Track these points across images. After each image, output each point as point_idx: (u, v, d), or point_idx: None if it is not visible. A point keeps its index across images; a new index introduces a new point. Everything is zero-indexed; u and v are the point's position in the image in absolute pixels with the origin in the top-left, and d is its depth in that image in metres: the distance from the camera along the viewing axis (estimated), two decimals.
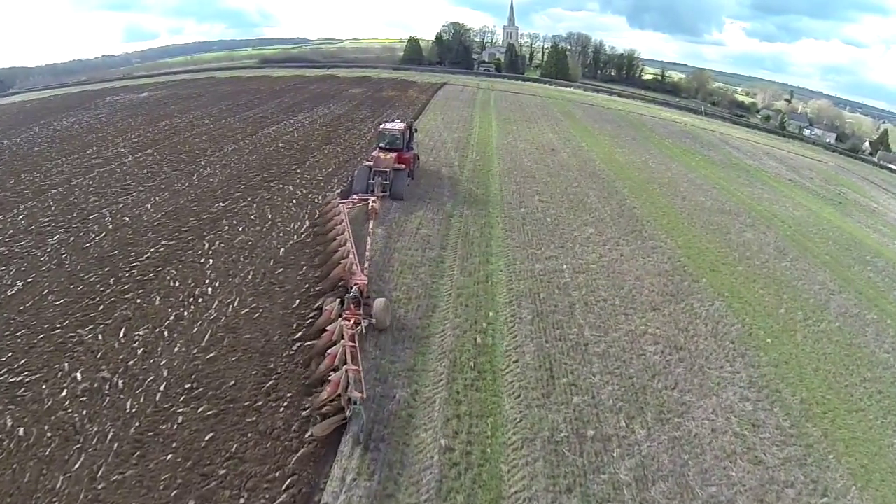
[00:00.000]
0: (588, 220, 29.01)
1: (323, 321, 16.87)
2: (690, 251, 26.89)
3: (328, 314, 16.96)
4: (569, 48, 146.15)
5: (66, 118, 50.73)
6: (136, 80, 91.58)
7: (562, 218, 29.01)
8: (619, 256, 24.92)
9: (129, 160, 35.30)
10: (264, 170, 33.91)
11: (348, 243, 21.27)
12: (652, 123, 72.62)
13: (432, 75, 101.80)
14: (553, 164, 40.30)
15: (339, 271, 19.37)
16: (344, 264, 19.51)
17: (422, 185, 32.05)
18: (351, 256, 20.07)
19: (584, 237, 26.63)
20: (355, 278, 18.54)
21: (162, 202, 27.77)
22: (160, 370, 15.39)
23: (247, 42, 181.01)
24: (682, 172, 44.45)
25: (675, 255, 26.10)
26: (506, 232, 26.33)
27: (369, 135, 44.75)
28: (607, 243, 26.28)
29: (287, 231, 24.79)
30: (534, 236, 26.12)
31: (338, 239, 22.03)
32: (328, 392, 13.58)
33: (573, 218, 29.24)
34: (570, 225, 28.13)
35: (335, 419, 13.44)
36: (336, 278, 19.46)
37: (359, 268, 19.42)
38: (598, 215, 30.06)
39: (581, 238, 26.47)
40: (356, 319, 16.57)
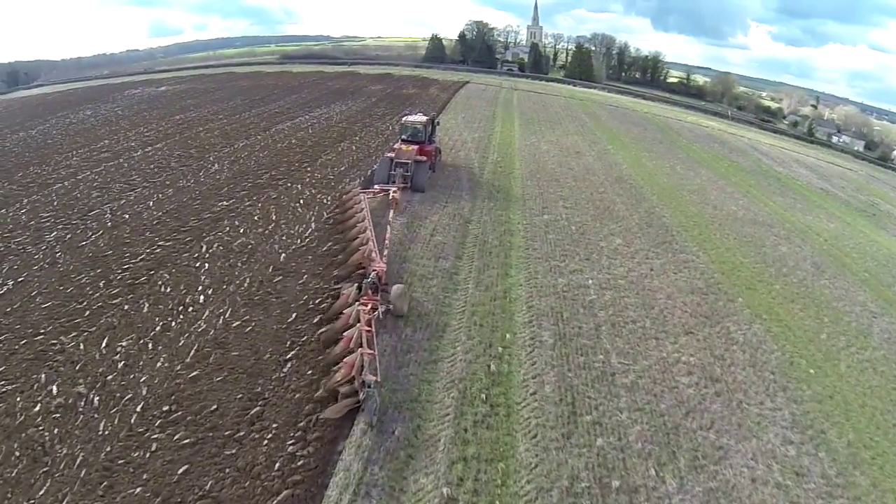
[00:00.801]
0: (615, 230, 27.07)
1: (340, 305, 16.96)
2: (724, 266, 24.92)
3: (345, 299, 17.02)
4: (593, 49, 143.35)
5: (83, 111, 50.97)
6: (157, 74, 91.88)
7: (587, 226, 27.12)
8: (649, 271, 22.99)
9: (137, 154, 34.64)
10: (273, 167, 32.46)
11: (368, 231, 21.32)
12: (678, 127, 70.20)
13: (454, 74, 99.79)
14: (578, 168, 38.35)
15: (359, 257, 19.56)
16: (363, 251, 19.70)
17: (438, 186, 30.46)
18: (370, 244, 20.16)
19: (612, 248, 24.71)
20: (374, 264, 18.62)
21: (164, 199, 26.73)
22: (139, 388, 14.07)
23: (270, 39, 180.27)
24: (711, 179, 42.29)
25: (709, 270, 24.15)
26: (527, 241, 24.44)
27: (387, 132, 43.30)
28: (636, 256, 24.34)
29: (290, 234, 23.18)
30: (557, 246, 24.23)
31: (358, 227, 22.21)
32: (342, 374, 13.50)
33: (599, 226, 27.32)
34: (597, 234, 26.22)
35: (348, 402, 13.26)
36: (355, 264, 19.58)
37: (378, 255, 19.46)
38: (625, 224, 28.11)
39: (608, 249, 24.54)
40: (373, 304, 16.49)
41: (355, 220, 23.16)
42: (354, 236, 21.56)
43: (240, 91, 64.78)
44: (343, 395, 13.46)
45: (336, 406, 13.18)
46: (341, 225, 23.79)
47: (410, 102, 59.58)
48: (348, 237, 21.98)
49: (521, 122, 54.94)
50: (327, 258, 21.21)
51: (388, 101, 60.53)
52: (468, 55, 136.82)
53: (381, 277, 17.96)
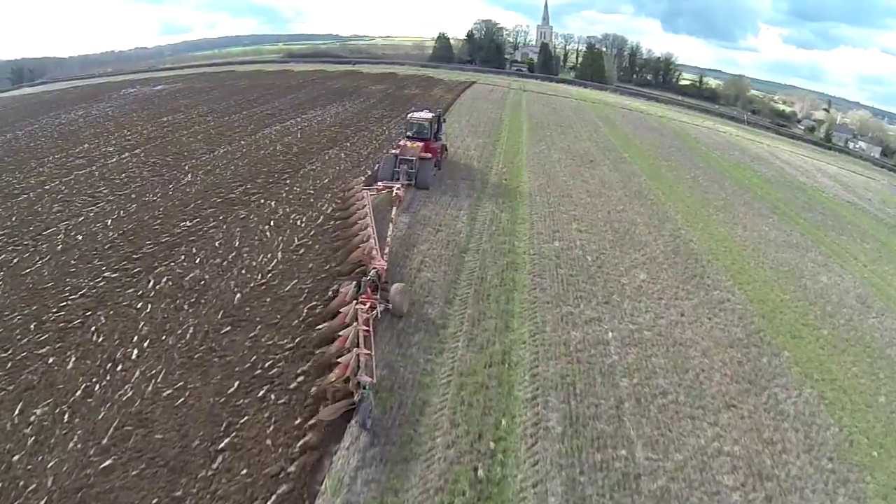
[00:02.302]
0: (638, 260, 23.28)
1: (337, 304, 16.36)
2: (764, 307, 21.21)
3: (343, 297, 16.42)
4: (604, 50, 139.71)
5: (75, 111, 49.12)
6: (159, 72, 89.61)
7: (605, 256, 23.25)
8: (680, 317, 19.21)
9: (112, 161, 31.93)
10: (250, 179, 29.02)
11: (369, 228, 20.88)
12: (696, 133, 66.45)
13: (461, 73, 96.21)
14: (592, 180, 34.55)
15: (359, 255, 19.13)
16: (363, 248, 19.25)
17: (433, 199, 27.09)
18: (371, 241, 19.72)
19: (634, 286, 20.87)
20: (374, 262, 18.11)
21: (125, 217, 23.74)
22: (45, 476, 11.23)
23: (278, 37, 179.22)
24: (736, 192, 38.64)
25: (747, 312, 20.45)
26: (534, 278, 20.43)
27: (381, 137, 39.91)
28: (663, 295, 20.55)
29: (251, 268, 19.57)
30: (570, 285, 20.31)
31: (359, 223, 21.76)
32: (337, 374, 13.05)
33: (619, 256, 23.48)
34: (616, 267, 22.35)
35: (343, 403, 12.84)
36: (355, 261, 19.16)
37: (379, 252, 18.91)
38: (649, 252, 24.33)
39: (630, 288, 20.70)
40: (372, 303, 15.94)
41: (357, 216, 22.63)
42: (355, 233, 21.02)
43: (236, 91, 62.09)
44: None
45: (331, 407, 12.67)
46: (343, 221, 23.29)
47: (412, 104, 55.76)
48: (349, 234, 21.42)
49: (530, 126, 51.19)
50: (290, 300, 17.66)
51: (387, 103, 57.07)
52: (476, 55, 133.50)
53: (381, 275, 17.40)
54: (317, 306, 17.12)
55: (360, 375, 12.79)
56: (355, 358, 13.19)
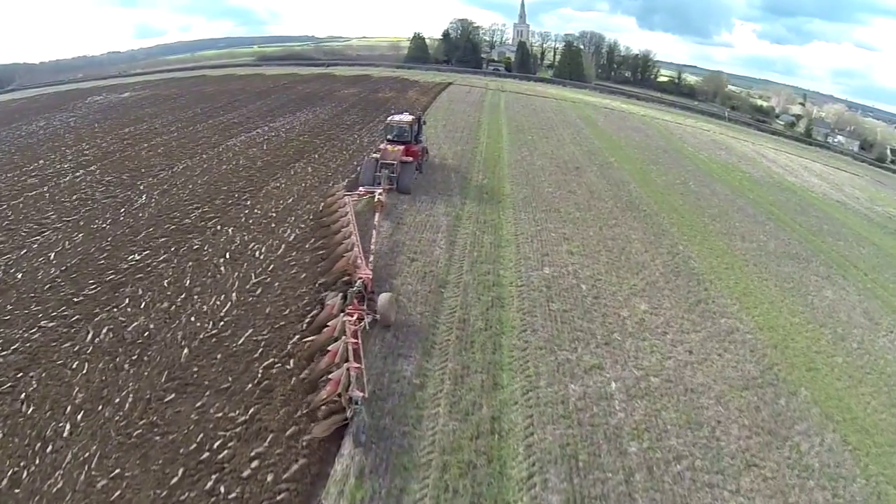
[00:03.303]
0: (637, 286, 21.06)
1: (324, 317, 15.75)
2: (775, 335, 19.28)
3: (330, 309, 15.85)
4: (582, 48, 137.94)
5: (37, 121, 47.01)
6: (129, 77, 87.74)
7: (601, 283, 20.98)
8: (688, 356, 17.08)
9: (66, 181, 29.64)
10: (208, 200, 26.58)
11: (353, 236, 20.23)
12: (680, 132, 64.83)
13: (437, 74, 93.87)
14: (580, 191, 32.33)
15: (344, 264, 18.48)
16: (348, 257, 18.60)
17: (408, 220, 24.89)
18: (356, 249, 19.06)
19: (636, 320, 18.64)
20: (360, 272, 17.68)
21: (70, 249, 21.43)
22: None
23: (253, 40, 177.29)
24: (728, 197, 36.95)
25: (758, 343, 18.49)
26: (523, 317, 17.99)
27: (353, 147, 37.54)
28: (668, 329, 18.39)
29: (201, 314, 17.14)
30: (565, 323, 17.90)
31: (342, 231, 21.14)
32: (328, 391, 12.60)
33: (617, 282, 21.23)
34: (615, 296, 20.07)
35: (336, 419, 12.47)
36: (340, 271, 18.50)
37: (364, 261, 18.46)
38: (648, 275, 22.16)
39: (632, 323, 18.45)
40: (359, 315, 15.62)
41: (340, 224, 21.97)
42: (339, 241, 20.33)
43: (203, 97, 59.59)
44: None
45: (323, 424, 12.29)
46: (325, 229, 22.59)
47: (385, 109, 53.65)
48: (333, 242, 20.75)
49: (510, 130, 49.04)
50: (244, 357, 15.23)
51: (360, 108, 54.62)
52: (452, 55, 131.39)
53: (367, 286, 17.01)
54: (273, 364, 14.77)
55: (352, 390, 12.39)
56: (346, 373, 12.71)
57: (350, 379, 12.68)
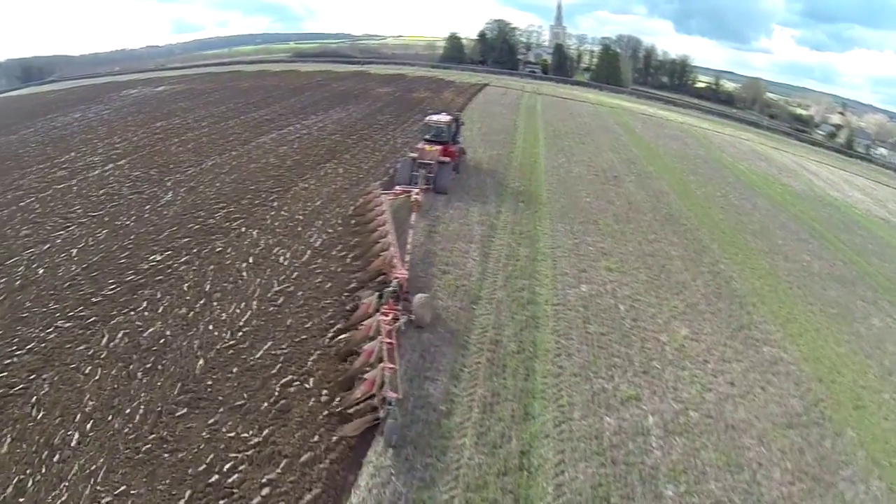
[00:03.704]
0: (678, 308, 19.87)
1: (360, 315, 15.83)
2: (820, 366, 17.95)
3: (365, 308, 15.87)
4: (619, 51, 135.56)
5: (73, 113, 48.00)
6: (165, 72, 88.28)
7: (640, 304, 19.81)
8: (730, 388, 15.87)
9: (94, 174, 29.69)
10: (234, 199, 26.08)
11: (389, 235, 19.99)
12: (719, 141, 62.89)
13: (473, 75, 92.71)
14: (618, 201, 31.10)
15: (380, 264, 18.50)
16: (384, 257, 18.59)
17: (440, 229, 23.85)
18: (392, 249, 18.87)
19: (676, 346, 17.48)
20: (395, 272, 17.46)
21: (93, 246, 21.23)
22: None
23: (289, 36, 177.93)
24: (770, 212, 35.39)
25: (803, 376, 17.19)
26: (558, 339, 16.86)
27: (385, 148, 36.77)
28: (710, 357, 17.19)
29: (219, 322, 16.44)
30: (602, 348, 16.75)
31: (378, 230, 21.06)
32: (362, 390, 12.70)
33: (656, 303, 20.04)
34: (654, 319, 18.87)
35: (367, 419, 12.36)
36: (376, 271, 18.52)
37: (399, 261, 18.18)
38: (689, 296, 20.95)
39: (671, 349, 17.29)
40: (394, 315, 15.33)
41: (376, 223, 21.96)
42: (375, 240, 20.32)
43: (237, 93, 59.55)
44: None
45: (354, 423, 12.30)
46: (360, 228, 22.77)
47: (420, 109, 52.92)
48: (368, 241, 20.76)
49: (547, 134, 47.86)
50: (261, 372, 14.45)
51: (394, 107, 53.82)
52: (488, 55, 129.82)
53: (402, 286, 16.74)
54: (292, 382, 13.96)
55: (386, 391, 12.27)
56: (380, 373, 12.64)
57: (384, 379, 12.50)
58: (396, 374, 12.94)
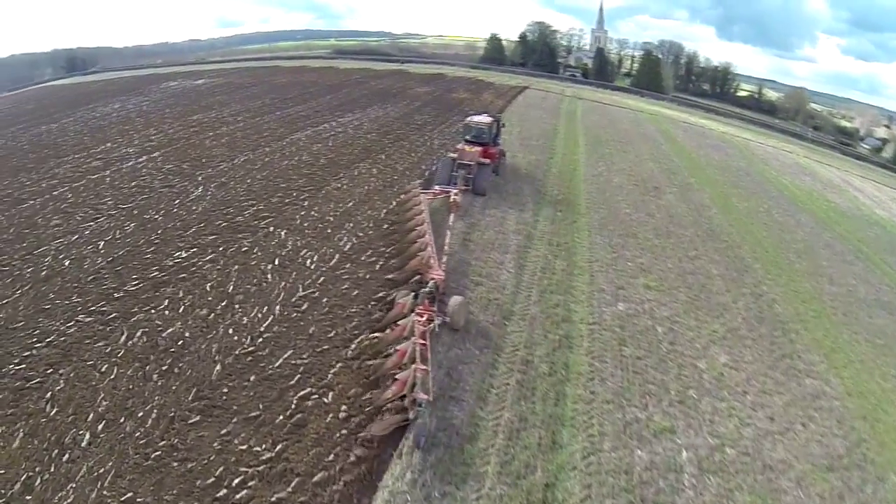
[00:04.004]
0: (717, 332, 18.77)
1: (395, 315, 15.78)
2: (864, 402, 16.71)
3: (400, 308, 15.82)
4: (660, 57, 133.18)
5: (112, 104, 49.49)
6: (206, 65, 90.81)
7: (679, 326, 18.65)
8: (769, 423, 14.78)
9: (127, 166, 30.00)
10: (264, 197, 25.75)
11: (427, 235, 19.96)
12: (762, 153, 60.68)
13: (513, 77, 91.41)
14: (659, 214, 29.97)
15: (417, 263, 18.34)
16: (421, 257, 18.47)
17: (470, 248, 22.58)
18: (429, 249, 18.86)
19: (714, 374, 16.44)
20: (432, 272, 17.42)
21: (120, 239, 21.27)
22: None
23: (329, 33, 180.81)
24: (814, 230, 33.75)
25: (847, 413, 15.98)
26: (592, 362, 15.94)
27: (421, 150, 36.04)
28: (749, 388, 16.09)
29: (240, 327, 15.97)
30: (637, 373, 15.74)
31: (417, 230, 20.87)
32: (393, 391, 12.58)
33: (696, 326, 18.98)
34: (693, 344, 17.83)
35: (396, 419, 12.26)
36: (412, 271, 18.33)
37: (436, 262, 18.12)
38: (729, 319, 19.82)
39: (710, 377, 16.26)
40: (429, 316, 15.25)
41: (414, 222, 21.74)
42: (413, 240, 20.12)
43: (274, 88, 59.76)
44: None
45: (382, 422, 12.20)
46: (398, 227, 22.63)
47: (459, 110, 52.16)
48: (406, 240, 20.60)
49: (587, 140, 46.63)
50: (279, 382, 13.88)
51: (433, 107, 53.09)
52: (528, 57, 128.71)
53: (438, 287, 16.63)
54: (310, 395, 13.35)
55: (417, 393, 12.18)
56: (412, 374, 12.52)
57: (415, 381, 12.38)
58: (428, 376, 12.75)
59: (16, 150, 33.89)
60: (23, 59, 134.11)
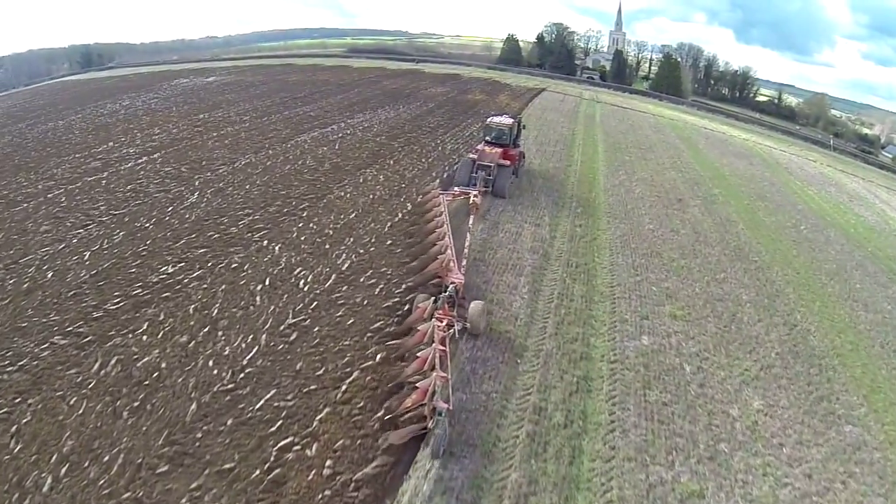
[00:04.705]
0: (750, 373, 16.87)
1: (414, 319, 15.35)
2: None
3: (420, 312, 15.35)
4: (679, 60, 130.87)
5: (122, 100, 48.79)
6: (220, 62, 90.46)
7: (708, 363, 16.77)
8: (807, 483, 12.88)
9: (126, 168, 28.94)
10: (262, 206, 24.39)
11: (447, 237, 19.42)
12: (786, 162, 58.65)
13: (529, 79, 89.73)
14: (684, 230, 28.11)
15: (436, 266, 17.98)
16: (441, 260, 18.07)
17: (482, 268, 20.89)
18: (448, 252, 18.33)
19: (748, 423, 14.61)
20: (451, 276, 16.88)
21: (107, 250, 20.11)
22: None
23: (346, 31, 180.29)
24: (844, 248, 31.72)
25: (889, 465, 14.06)
26: (612, 409, 14.12)
27: (433, 154, 34.54)
28: (786, 439, 14.31)
29: (221, 358, 14.45)
30: (663, 423, 13.91)
31: (436, 232, 20.53)
32: (413, 399, 12.08)
33: (727, 364, 17.03)
34: (723, 385, 15.95)
35: (414, 427, 11.83)
36: (431, 274, 18.04)
37: (456, 265, 17.64)
38: (763, 355, 17.95)
39: (743, 426, 14.42)
40: (449, 321, 14.66)
41: (434, 224, 21.44)
42: (432, 243, 19.82)
43: (285, 86, 58.90)
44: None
45: (401, 431, 11.69)
46: (417, 227, 22.54)
47: (473, 112, 50.71)
48: (426, 243, 20.31)
49: (606, 147, 44.98)
50: (258, 428, 12.32)
51: (446, 109, 51.59)
52: (545, 59, 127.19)
53: (458, 291, 16.06)
54: (291, 446, 11.78)
55: (437, 401, 11.85)
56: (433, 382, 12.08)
57: (436, 388, 11.97)
58: (448, 384, 12.38)
59: (20, 148, 33.01)
60: (40, 55, 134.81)
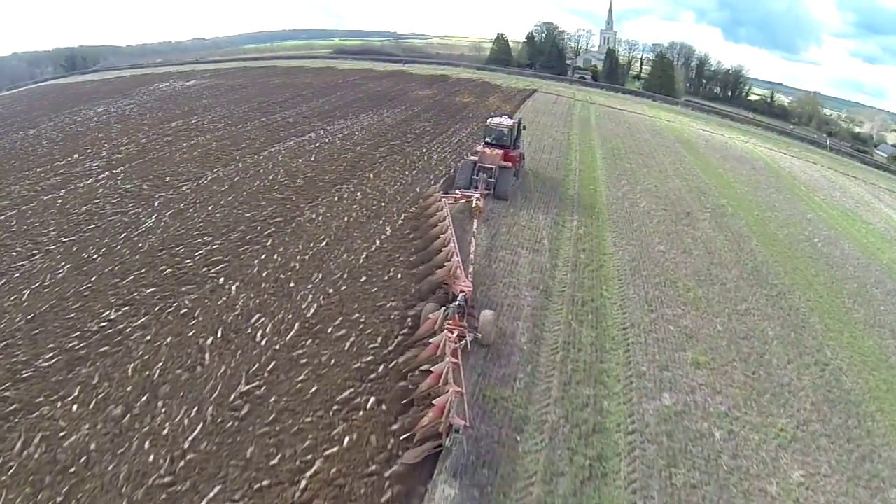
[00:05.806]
0: (786, 434, 14.14)
1: (425, 331, 14.55)
2: None
3: (431, 323, 14.53)
4: (671, 59, 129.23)
5: (97, 107, 46.96)
6: (202, 65, 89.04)
7: (739, 426, 14.06)
8: None
9: (85, 184, 26.78)
10: (223, 233, 21.73)
11: (452, 243, 18.89)
12: (788, 166, 56.47)
13: (520, 79, 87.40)
14: (696, 251, 25.49)
15: (444, 274, 17.12)
16: (448, 267, 17.14)
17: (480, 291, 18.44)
18: (455, 258, 17.53)
19: (790, 502, 12.08)
20: (459, 284, 16.25)
21: (49, 287, 17.58)
22: None
23: (334, 33, 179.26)
24: (860, 261, 29.47)
25: None
26: (634, 500, 11.33)
27: (418, 165, 32.07)
28: None
29: (159, 439, 11.72)
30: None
31: (441, 238, 19.86)
32: (430, 418, 11.39)
33: (759, 424, 14.18)
34: (759, 453, 13.18)
35: (428, 446, 11.20)
36: (437, 282, 17.26)
37: (463, 272, 16.95)
38: (797, 408, 15.29)
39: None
40: (460, 332, 14.17)
41: (438, 229, 20.71)
42: (438, 249, 19.14)
43: (265, 90, 56.76)
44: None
45: (416, 451, 11.09)
46: (419, 232, 21.96)
47: (462, 116, 48.35)
48: (431, 249, 19.64)
49: (605, 153, 42.70)
50: None
51: (433, 112, 49.18)
52: (536, 59, 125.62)
53: (467, 299, 15.37)
54: None
55: (452, 418, 11.11)
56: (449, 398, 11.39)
57: (451, 405, 11.26)
58: (463, 399, 11.76)
59: None
60: (23, 58, 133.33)
